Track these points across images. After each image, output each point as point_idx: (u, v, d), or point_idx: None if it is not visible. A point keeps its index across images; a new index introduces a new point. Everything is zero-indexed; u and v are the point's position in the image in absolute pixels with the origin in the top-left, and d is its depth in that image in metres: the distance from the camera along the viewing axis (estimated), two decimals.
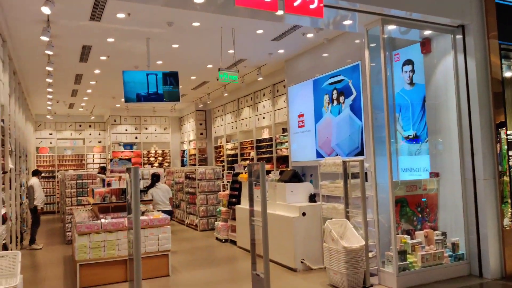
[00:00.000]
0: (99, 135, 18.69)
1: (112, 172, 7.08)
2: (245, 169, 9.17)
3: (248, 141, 13.38)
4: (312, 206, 6.71)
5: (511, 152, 6.11)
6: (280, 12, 4.96)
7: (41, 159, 17.41)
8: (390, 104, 6.01)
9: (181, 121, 18.75)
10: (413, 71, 6.67)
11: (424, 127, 6.50)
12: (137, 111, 17.41)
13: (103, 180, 7.43)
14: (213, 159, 16.31)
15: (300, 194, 6.95)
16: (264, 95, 12.25)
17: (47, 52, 7.74)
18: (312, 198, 6.92)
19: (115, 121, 17.24)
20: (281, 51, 9.33)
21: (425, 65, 6.55)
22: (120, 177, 7.06)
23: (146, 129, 17.94)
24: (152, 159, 17.87)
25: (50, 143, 17.75)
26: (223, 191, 10.10)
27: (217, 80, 8.31)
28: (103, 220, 6.29)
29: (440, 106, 6.36)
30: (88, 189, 9.18)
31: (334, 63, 8.51)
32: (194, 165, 16.43)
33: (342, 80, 8.33)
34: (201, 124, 16.77)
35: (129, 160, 8.26)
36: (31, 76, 10.74)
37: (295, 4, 4.83)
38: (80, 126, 18.37)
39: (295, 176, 7.18)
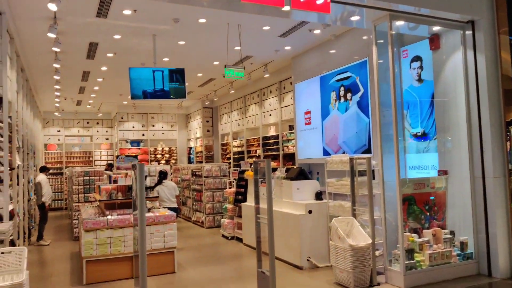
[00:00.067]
0: (106, 132, 18.78)
1: (118, 169, 7.09)
2: (251, 166, 9.15)
3: (255, 138, 13.35)
4: (318, 204, 6.67)
5: None
6: (286, 7, 4.92)
7: (49, 156, 17.54)
8: (398, 101, 5.94)
9: (187, 118, 18.77)
10: (421, 67, 6.59)
11: (432, 124, 6.42)
12: (144, 108, 17.47)
13: (109, 177, 7.45)
14: (219, 156, 16.31)
15: (306, 192, 6.91)
16: (270, 92, 12.20)
17: (54, 49, 7.78)
18: (319, 195, 6.87)
19: (122, 118, 17.31)
20: (287, 48, 9.27)
21: (433, 61, 6.46)
22: (126, 174, 7.06)
23: (153, 126, 17.99)
24: (159, 156, 17.92)
25: (58, 140, 17.87)
26: (229, 188, 10.09)
27: (224, 77, 8.27)
28: (109, 217, 6.31)
29: (449, 103, 6.28)
30: (95, 185, 9.22)
31: (341, 60, 8.44)
32: (201, 162, 16.45)
33: (350, 76, 8.25)
34: (207, 121, 16.77)
35: (135, 157, 8.24)
36: (39, 73, 10.80)
37: None
38: (88, 123, 18.47)
39: (302, 174, 7.13)
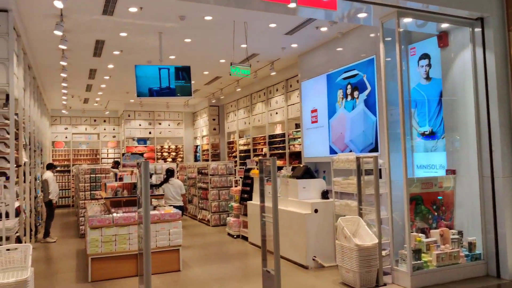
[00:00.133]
0: (113, 130, 18.85)
1: (124, 166, 7.10)
2: (257, 164, 9.11)
3: (261, 136, 13.31)
4: (324, 202, 6.61)
5: None
6: (292, 4, 4.87)
7: (56, 153, 17.65)
8: (406, 99, 5.86)
9: (194, 117, 18.78)
10: (429, 65, 6.50)
11: (440, 123, 6.33)
12: (151, 106, 17.50)
13: (115, 174, 7.46)
14: (225, 154, 16.30)
15: (312, 191, 6.87)
16: (277, 90, 12.15)
17: (60, 47, 7.79)
18: (325, 194, 6.82)
19: (129, 116, 17.36)
20: (294, 46, 9.21)
21: (442, 59, 6.37)
22: (132, 171, 7.07)
23: (160, 124, 18.02)
24: (165, 154, 17.95)
25: (66, 137, 17.97)
26: (235, 186, 10.07)
27: (230, 75, 8.25)
28: (115, 214, 6.31)
29: (457, 101, 6.19)
30: (101, 183, 9.25)
31: (349, 58, 8.37)
32: (207, 160, 16.45)
33: (357, 74, 8.18)
34: (214, 120, 16.76)
35: (141, 154, 8.27)
36: (46, 71, 10.84)
37: None
38: (95, 121, 18.55)
39: (308, 172, 7.08)
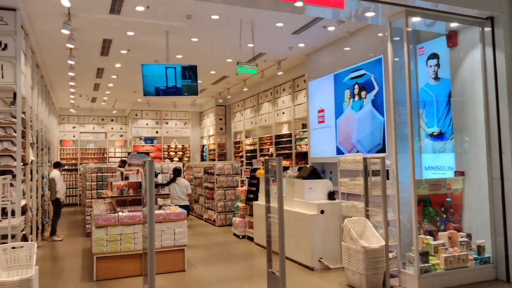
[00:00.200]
0: (120, 129, 18.92)
1: (130, 165, 7.09)
2: (263, 164, 9.06)
3: (267, 136, 13.27)
4: (331, 203, 6.56)
5: None
6: (299, 3, 4.82)
7: (64, 152, 17.75)
8: (414, 99, 5.79)
9: (201, 116, 18.79)
10: (438, 65, 6.41)
11: (449, 123, 6.25)
12: (158, 106, 17.54)
13: (121, 173, 7.46)
14: (232, 154, 16.28)
15: (318, 191, 6.81)
16: (284, 90, 12.10)
17: (68, 46, 7.81)
18: (331, 195, 6.76)
19: (136, 115, 17.42)
20: (301, 45, 9.15)
21: (451, 59, 6.29)
22: (137, 170, 7.06)
23: (167, 123, 18.05)
24: (172, 153, 17.98)
25: (73, 136, 18.07)
26: (241, 186, 10.03)
27: (236, 74, 8.21)
28: (120, 214, 6.30)
29: (466, 102, 6.10)
30: (108, 182, 9.27)
31: (356, 57, 8.30)
32: (214, 160, 16.44)
33: (364, 74, 8.11)
34: (220, 119, 16.75)
35: (147, 153, 8.26)
36: (54, 70, 10.90)
37: None
38: (103, 120, 18.63)
39: (314, 173, 7.03)
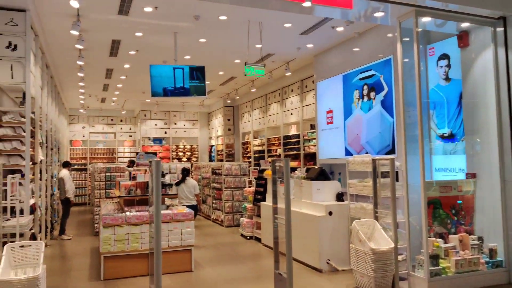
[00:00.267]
0: (129, 129, 19.02)
1: (138, 165, 7.10)
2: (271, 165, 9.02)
3: (276, 137, 13.23)
4: (339, 205, 6.50)
5: None
6: (307, 3, 4.78)
7: (74, 152, 17.89)
8: (424, 100, 5.72)
9: (209, 117, 18.81)
10: (449, 66, 6.33)
11: (460, 125, 6.15)
12: (166, 106, 17.60)
13: (130, 173, 7.48)
14: (240, 155, 16.26)
15: (327, 193, 6.75)
16: (292, 90, 12.05)
17: (77, 46, 7.86)
18: (340, 197, 6.70)
19: (145, 115, 17.50)
20: (310, 46, 9.11)
21: (462, 59, 6.19)
22: (145, 170, 7.07)
23: (175, 124, 18.10)
24: (180, 154, 18.02)
25: (83, 136, 18.21)
26: (249, 187, 10.01)
27: (244, 75, 8.19)
28: (127, 213, 6.31)
29: (478, 103, 6.00)
30: (116, 182, 9.30)
31: (365, 58, 8.23)
32: (222, 160, 16.44)
33: (373, 75, 8.03)
34: (229, 120, 16.75)
35: (154, 154, 8.28)
36: (64, 70, 10.98)
37: None
38: (112, 120, 18.75)
39: (322, 174, 6.97)
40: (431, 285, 5.16)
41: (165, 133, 17.86)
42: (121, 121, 18.92)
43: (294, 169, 8.52)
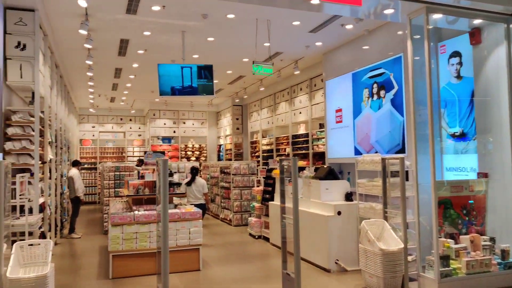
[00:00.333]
0: (139, 128, 19.11)
1: (146, 164, 7.11)
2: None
3: (284, 136, 13.18)
4: (348, 205, 6.44)
5: None
6: (316, 0, 4.72)
7: (84, 151, 18.03)
8: (435, 99, 5.62)
9: (218, 116, 18.82)
10: (460, 63, 6.22)
11: (472, 123, 6.05)
12: (175, 106, 17.64)
13: (138, 172, 7.50)
14: (248, 154, 16.24)
15: (335, 192, 6.69)
16: (301, 89, 11.98)
17: (86, 46, 7.89)
18: (349, 196, 6.64)
19: (154, 115, 17.56)
20: (318, 44, 9.04)
21: (474, 57, 6.08)
22: (153, 169, 7.07)
23: (184, 123, 18.14)
24: (189, 153, 18.06)
25: (93, 135, 18.33)
26: (257, 186, 9.97)
27: (253, 73, 8.15)
28: (136, 212, 6.32)
29: (490, 101, 5.88)
30: (124, 181, 9.33)
31: (375, 56, 8.14)
32: (230, 159, 16.43)
33: (383, 73, 7.94)
34: (237, 119, 16.74)
35: (162, 153, 8.30)
36: (73, 70, 11.05)
37: None
38: (121, 119, 18.85)
39: (331, 173, 6.91)
40: (441, 286, 5.07)
41: (174, 132, 17.91)
42: (130, 120, 19.02)
43: (302, 169, 8.46)
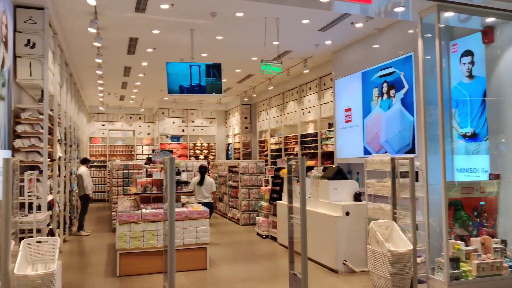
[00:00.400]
0: (148, 127, 19.19)
1: (154, 163, 7.12)
2: None
3: (293, 135, 13.12)
4: (356, 205, 6.37)
5: None
6: None
7: (93, 149, 18.15)
8: (446, 98, 5.53)
9: (226, 115, 18.81)
10: (472, 63, 6.11)
11: (483, 124, 5.94)
12: (184, 104, 17.67)
13: (146, 170, 7.51)
14: (257, 153, 16.21)
15: (344, 193, 6.63)
16: (310, 88, 11.91)
17: (95, 44, 7.92)
18: (357, 197, 6.57)
19: (163, 113, 17.61)
20: (328, 42, 8.96)
21: (486, 56, 5.97)
22: (161, 168, 7.06)
23: (193, 122, 18.17)
24: (198, 151, 18.08)
25: (102, 133, 18.45)
26: (265, 186, 9.94)
27: (261, 72, 8.11)
28: (143, 210, 6.32)
29: (503, 101, 5.77)
30: (133, 179, 9.36)
31: (385, 55, 8.05)
32: (239, 158, 16.41)
33: (393, 72, 7.85)
34: (246, 118, 16.71)
35: (170, 151, 8.31)
36: (83, 68, 11.11)
37: None
38: (131, 118, 18.94)
39: (339, 173, 6.85)
40: None
41: (183, 131, 17.94)
42: (139, 118, 19.11)
43: (311, 168, 8.41)
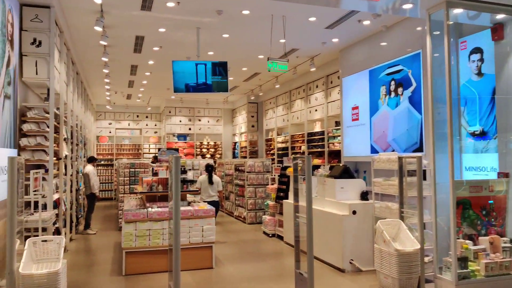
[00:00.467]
0: (155, 125, 19.23)
1: (160, 161, 7.11)
2: None
3: (299, 134, 13.06)
4: (363, 204, 6.32)
5: None
6: None
7: (100, 148, 18.23)
8: (454, 96, 5.45)
9: (233, 113, 18.79)
10: (481, 60, 6.02)
11: (492, 122, 5.85)
12: (191, 103, 17.68)
13: (152, 169, 7.51)
14: (263, 152, 16.17)
15: (351, 191, 6.58)
16: (317, 86, 11.84)
17: (101, 43, 7.93)
18: (364, 195, 6.52)
19: (170, 112, 17.63)
20: (335, 40, 8.89)
21: (496, 53, 5.87)
22: (167, 166, 7.06)
23: (200, 120, 18.17)
24: (204, 150, 18.09)
25: (109, 132, 18.52)
26: (272, 184, 9.90)
27: (268, 70, 8.07)
28: (149, 209, 6.32)
29: None
30: (139, 177, 9.37)
31: (393, 52, 7.96)
32: (245, 157, 16.39)
33: (401, 70, 7.76)
34: (252, 117, 16.68)
35: (176, 150, 8.31)
36: (89, 67, 11.14)
37: None
38: (138, 116, 19.00)
39: (346, 172, 6.79)
40: None
41: (189, 129, 17.96)
42: (146, 117, 19.16)
43: (317, 167, 8.35)
